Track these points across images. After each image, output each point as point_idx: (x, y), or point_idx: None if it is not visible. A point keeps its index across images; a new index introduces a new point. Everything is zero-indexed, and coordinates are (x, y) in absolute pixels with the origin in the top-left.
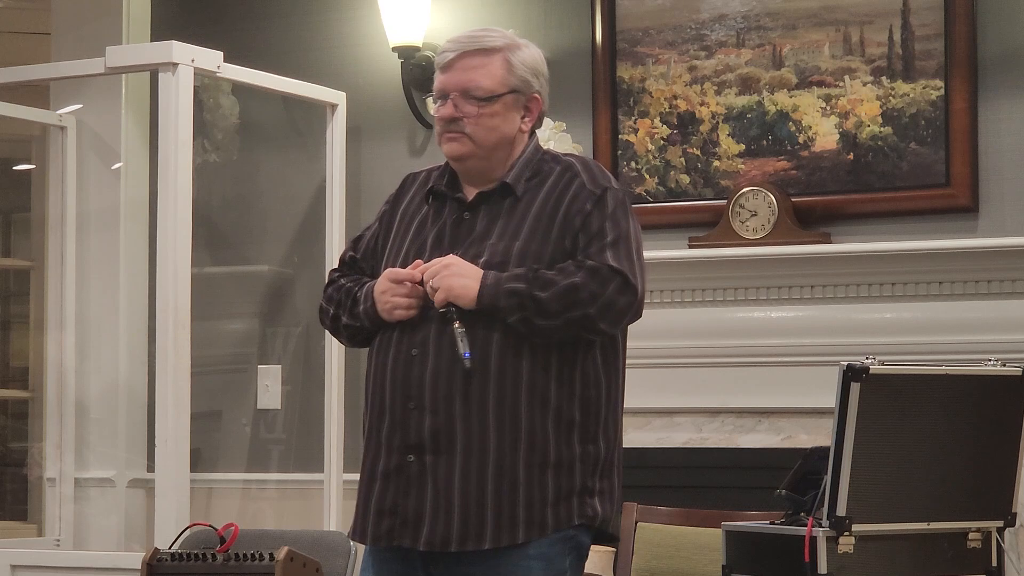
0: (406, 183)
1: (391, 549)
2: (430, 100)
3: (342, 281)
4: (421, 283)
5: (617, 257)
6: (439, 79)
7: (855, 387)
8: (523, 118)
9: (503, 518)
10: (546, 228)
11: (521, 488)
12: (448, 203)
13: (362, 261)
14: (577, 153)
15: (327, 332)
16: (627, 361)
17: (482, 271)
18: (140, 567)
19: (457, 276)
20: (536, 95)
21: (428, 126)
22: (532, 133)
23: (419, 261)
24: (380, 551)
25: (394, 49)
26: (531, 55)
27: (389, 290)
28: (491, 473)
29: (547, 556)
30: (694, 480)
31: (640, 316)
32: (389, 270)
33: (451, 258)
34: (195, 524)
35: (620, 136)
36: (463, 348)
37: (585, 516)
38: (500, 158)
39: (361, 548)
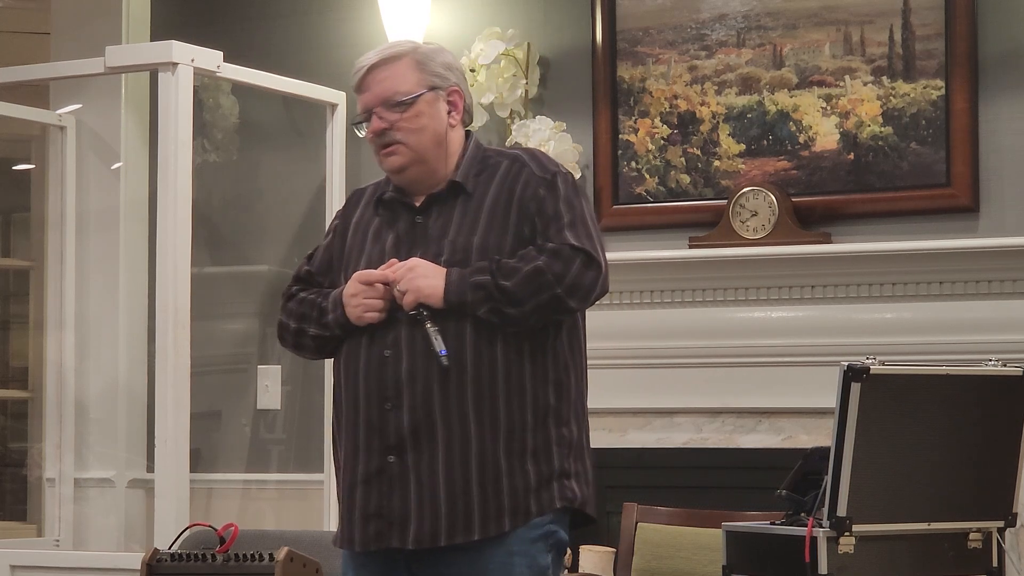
0: (353, 198)
1: (370, 553)
2: (356, 128)
3: (302, 295)
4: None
5: (577, 236)
6: (358, 103)
7: (855, 387)
8: (449, 113)
9: (489, 509)
10: (502, 219)
11: (504, 477)
12: (399, 210)
13: (318, 275)
14: (578, 152)
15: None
16: (629, 360)
17: (445, 269)
18: (140, 567)
19: (423, 277)
20: (455, 88)
21: None
22: (469, 134)
23: (393, 260)
24: (360, 556)
25: None
26: (440, 53)
27: (360, 292)
28: (474, 465)
29: (529, 553)
30: (694, 480)
31: (607, 291)
32: (359, 272)
33: (415, 260)
34: (195, 524)
35: (620, 136)
36: (438, 346)
37: (565, 499)
38: (438, 158)
39: None
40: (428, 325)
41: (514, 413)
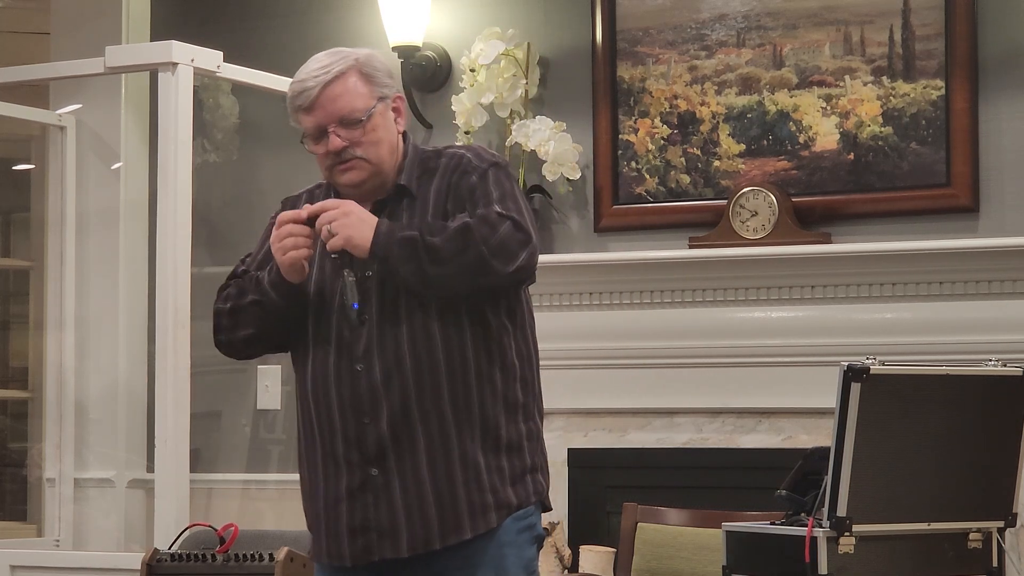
0: (286, 205)
1: (355, 568)
2: (307, 142)
3: (238, 280)
4: (310, 224)
5: (505, 208)
6: (308, 119)
7: (855, 387)
8: (396, 120)
9: (475, 506)
10: (443, 210)
11: (484, 474)
12: None
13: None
14: (578, 152)
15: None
16: (629, 360)
17: (377, 220)
18: (140, 567)
19: (355, 225)
20: (399, 95)
21: (429, 125)
22: (405, 135)
23: (332, 203)
24: (337, 570)
25: (394, 49)
26: (378, 58)
27: (283, 232)
28: (458, 465)
29: (516, 543)
30: (694, 480)
31: (535, 266)
32: (282, 214)
33: (351, 205)
34: (195, 524)
35: (620, 136)
36: (352, 297)
37: (538, 492)
38: (391, 167)
39: None
40: (346, 274)
41: (488, 409)
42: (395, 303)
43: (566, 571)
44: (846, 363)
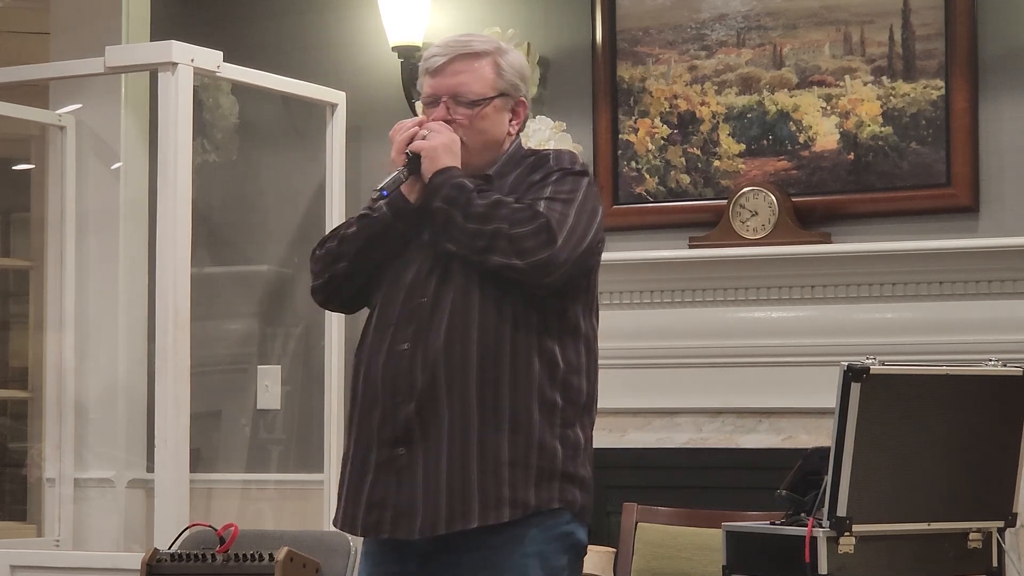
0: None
1: (386, 543)
2: (419, 104)
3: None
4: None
5: (549, 210)
6: (429, 83)
7: (856, 387)
8: (511, 121)
9: (489, 497)
10: None
11: (506, 468)
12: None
13: None
14: (578, 152)
15: (326, 332)
16: (629, 360)
17: (459, 164)
18: (140, 567)
19: (447, 148)
20: (523, 99)
21: None
22: (516, 137)
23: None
24: (374, 545)
25: (394, 49)
26: (518, 59)
27: (397, 135)
28: (475, 454)
29: (543, 553)
30: (694, 480)
31: (551, 271)
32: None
33: (455, 138)
34: (195, 524)
35: (620, 136)
36: (386, 184)
37: (565, 501)
38: (487, 159)
39: (359, 545)
40: (402, 167)
41: (520, 405)
42: (446, 293)
43: None
44: (846, 363)
